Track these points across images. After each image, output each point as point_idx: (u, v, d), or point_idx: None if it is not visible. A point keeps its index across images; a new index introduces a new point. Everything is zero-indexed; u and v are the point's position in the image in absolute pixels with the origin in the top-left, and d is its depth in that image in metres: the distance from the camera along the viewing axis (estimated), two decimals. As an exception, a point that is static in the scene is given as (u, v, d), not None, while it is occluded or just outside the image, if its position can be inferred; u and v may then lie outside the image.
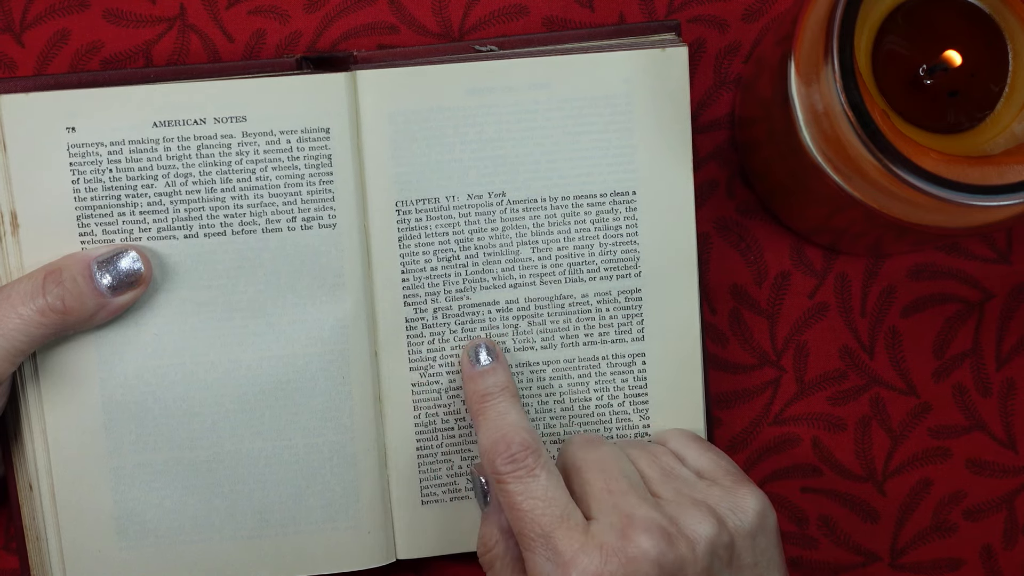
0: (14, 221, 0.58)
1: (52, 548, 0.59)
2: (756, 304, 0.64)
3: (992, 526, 0.65)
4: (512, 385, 0.58)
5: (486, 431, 0.55)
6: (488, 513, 0.57)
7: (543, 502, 0.53)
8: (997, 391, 0.65)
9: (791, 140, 0.55)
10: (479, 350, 0.59)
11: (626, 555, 0.51)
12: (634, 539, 0.51)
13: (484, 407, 0.57)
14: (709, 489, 0.55)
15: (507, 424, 0.55)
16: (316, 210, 0.59)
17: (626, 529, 0.52)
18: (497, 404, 0.57)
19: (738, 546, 0.53)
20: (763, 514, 0.54)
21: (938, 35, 0.55)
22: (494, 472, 0.54)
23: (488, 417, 0.56)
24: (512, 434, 0.54)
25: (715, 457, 0.57)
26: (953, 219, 0.54)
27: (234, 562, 0.60)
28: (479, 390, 0.57)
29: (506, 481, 0.54)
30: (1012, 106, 0.55)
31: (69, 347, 0.58)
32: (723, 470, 0.57)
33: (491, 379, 0.57)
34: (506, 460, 0.54)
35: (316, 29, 0.63)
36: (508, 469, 0.54)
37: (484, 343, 0.59)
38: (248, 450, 0.59)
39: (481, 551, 0.57)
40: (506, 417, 0.56)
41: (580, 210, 0.60)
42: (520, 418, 0.56)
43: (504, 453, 0.54)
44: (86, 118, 0.57)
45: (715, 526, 0.53)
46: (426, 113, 0.59)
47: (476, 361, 0.58)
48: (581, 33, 0.60)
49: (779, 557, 0.55)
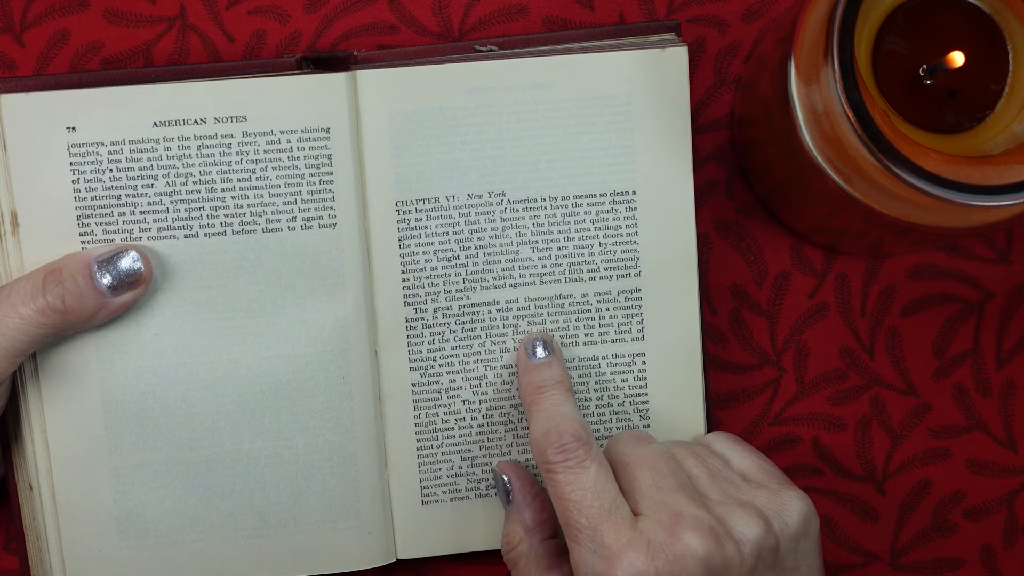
0: (14, 221, 0.58)
1: (52, 548, 0.59)
2: (756, 304, 0.64)
3: (992, 526, 0.65)
4: (567, 380, 0.58)
5: (538, 421, 0.56)
6: (511, 511, 0.57)
7: (592, 493, 0.53)
8: (997, 391, 0.65)
9: (791, 140, 0.55)
10: (536, 344, 0.59)
11: (673, 552, 0.51)
12: (682, 537, 0.51)
13: (538, 398, 0.57)
14: (756, 491, 0.55)
15: (560, 415, 0.55)
16: (316, 210, 0.59)
17: (674, 527, 0.51)
18: (551, 395, 0.57)
19: (782, 549, 0.53)
20: (808, 518, 0.54)
21: (938, 35, 0.55)
22: (544, 461, 0.54)
23: (542, 407, 0.56)
24: (565, 425, 0.54)
25: (759, 460, 0.57)
26: (953, 219, 0.54)
27: (234, 562, 0.60)
28: (534, 382, 0.57)
29: (556, 471, 0.53)
30: (1012, 106, 0.55)
31: (69, 347, 0.58)
32: (767, 473, 0.56)
33: (547, 372, 0.58)
34: (557, 450, 0.54)
35: (316, 29, 0.63)
36: (559, 459, 0.54)
37: (542, 337, 0.59)
38: (248, 450, 0.59)
39: (505, 549, 0.57)
40: (560, 408, 0.56)
41: (580, 210, 0.60)
42: (573, 411, 0.56)
43: (556, 443, 0.54)
44: (86, 118, 0.57)
45: (763, 528, 0.52)
46: (426, 113, 0.59)
47: (533, 354, 0.58)
48: (581, 33, 0.60)
49: (819, 561, 0.55)
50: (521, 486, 0.58)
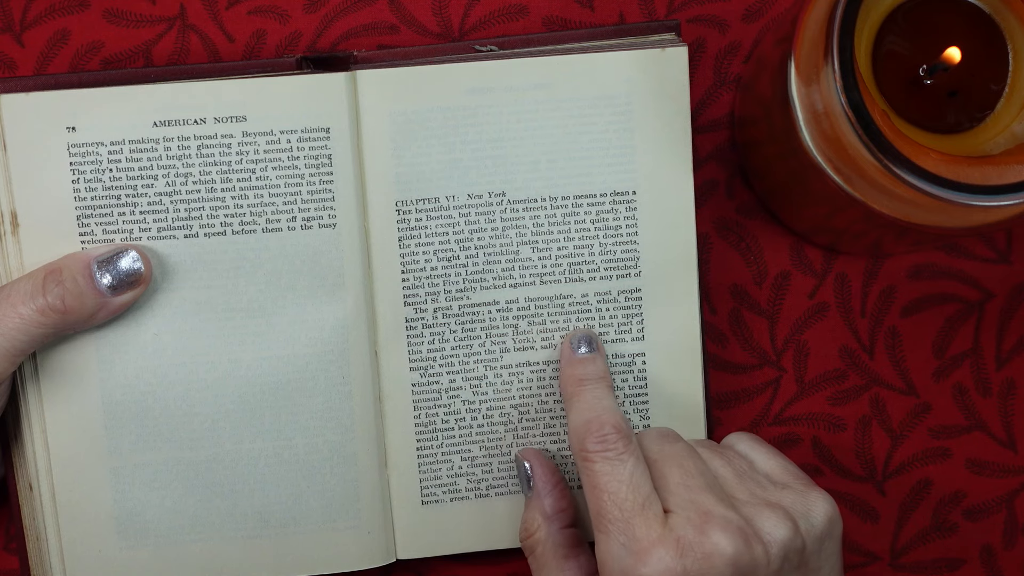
0: (14, 221, 0.58)
1: (52, 548, 0.59)
2: (756, 304, 0.64)
3: (992, 526, 0.65)
4: (610, 378, 0.58)
5: (579, 411, 0.56)
6: (531, 498, 0.57)
7: (627, 486, 0.52)
8: (997, 391, 0.65)
9: (791, 140, 0.55)
10: (582, 340, 0.59)
11: (703, 551, 0.51)
12: (711, 536, 0.51)
13: (580, 389, 0.57)
14: (782, 492, 0.54)
15: (602, 407, 0.55)
16: (316, 210, 0.59)
17: (703, 525, 0.51)
18: (594, 389, 0.57)
19: (808, 550, 0.53)
20: (832, 519, 0.54)
21: (938, 35, 0.55)
22: (582, 450, 0.54)
23: (583, 399, 0.56)
24: (606, 416, 0.54)
25: (782, 461, 0.57)
26: (953, 219, 0.54)
27: (234, 562, 0.60)
28: (577, 374, 0.57)
29: (593, 460, 0.53)
30: (1012, 106, 0.55)
31: (69, 347, 0.58)
32: (792, 474, 0.56)
33: (591, 367, 0.58)
34: (597, 439, 0.54)
35: (316, 29, 0.63)
36: (598, 448, 0.53)
37: (588, 335, 0.59)
38: (248, 450, 0.59)
39: (523, 536, 0.57)
40: (602, 401, 0.56)
41: (580, 210, 0.60)
42: (615, 406, 0.56)
43: (596, 432, 0.54)
44: (86, 118, 0.57)
45: (790, 529, 0.52)
46: (426, 113, 0.59)
47: (577, 349, 0.59)
48: (581, 33, 0.60)
49: (840, 563, 0.55)
50: (542, 473, 0.59)
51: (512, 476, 0.61)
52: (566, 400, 0.57)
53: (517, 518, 0.61)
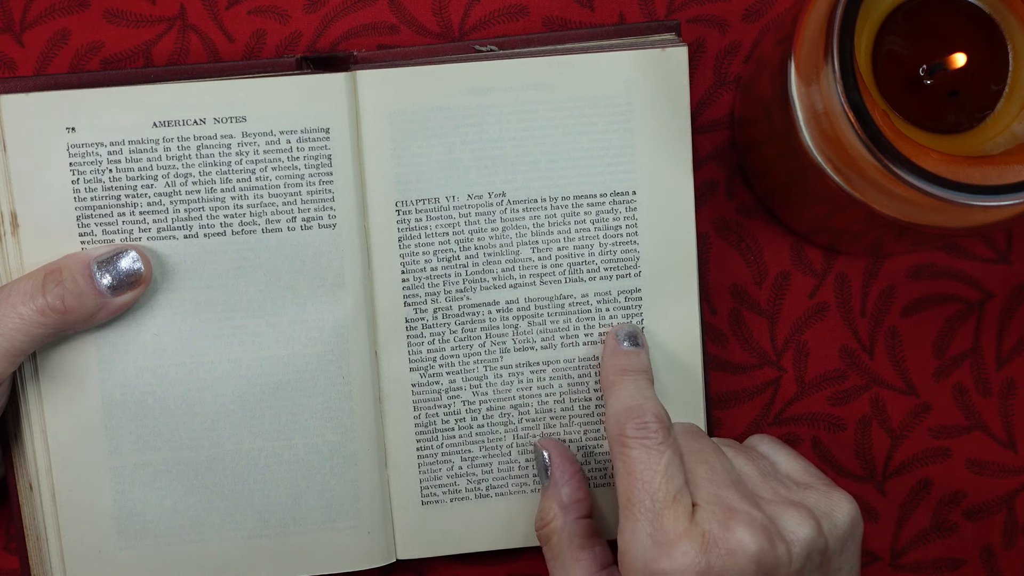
0: (14, 221, 0.58)
1: (52, 548, 0.59)
2: (756, 304, 0.64)
3: (992, 526, 0.65)
4: (651, 373, 0.58)
5: (620, 398, 0.55)
6: (548, 488, 0.57)
7: (662, 476, 0.52)
8: (997, 391, 0.65)
9: (791, 140, 0.55)
10: (628, 335, 0.59)
11: (727, 546, 0.51)
12: (735, 532, 0.51)
13: (622, 378, 0.57)
14: (805, 492, 0.54)
15: (644, 396, 0.55)
16: (316, 210, 0.59)
17: (728, 521, 0.51)
18: (638, 379, 0.57)
19: (831, 550, 0.53)
20: (855, 521, 0.54)
21: (938, 35, 0.55)
22: (621, 435, 0.54)
23: (625, 386, 0.56)
24: (648, 405, 0.54)
25: (803, 463, 0.57)
26: (953, 219, 0.54)
27: (234, 562, 0.60)
28: (621, 364, 0.57)
29: (632, 446, 0.53)
30: (1012, 106, 0.55)
31: (69, 347, 0.58)
32: (813, 475, 0.56)
33: (635, 359, 0.58)
34: (638, 425, 0.53)
35: (316, 29, 0.63)
36: (638, 434, 0.53)
37: (634, 330, 0.59)
38: (248, 450, 0.59)
39: (539, 524, 0.57)
40: (644, 391, 0.56)
41: (580, 210, 0.60)
42: (656, 397, 0.56)
43: (637, 419, 0.54)
44: (86, 118, 0.57)
45: (814, 529, 0.52)
46: (426, 113, 0.59)
47: (623, 342, 0.59)
48: (581, 33, 0.60)
49: (858, 565, 0.55)
50: (560, 463, 0.58)
51: (512, 476, 0.61)
52: (606, 388, 0.57)
53: (517, 518, 0.61)
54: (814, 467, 0.57)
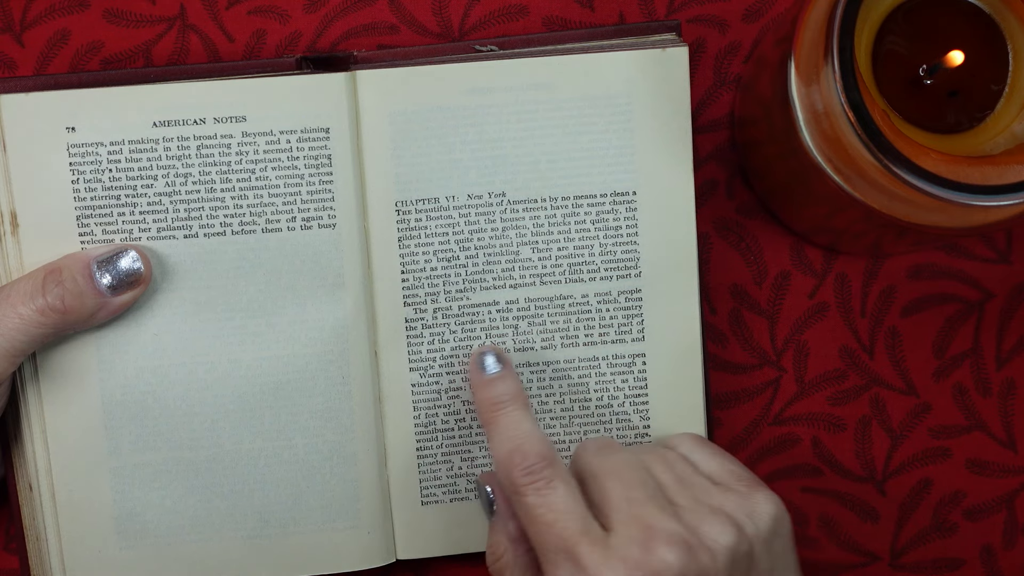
0: (14, 221, 0.58)
1: (52, 548, 0.59)
2: (756, 304, 0.64)
3: (992, 526, 0.65)
4: (523, 393, 0.57)
5: (499, 441, 0.55)
6: (495, 522, 0.56)
7: (564, 515, 0.52)
8: (997, 391, 0.65)
9: (791, 140, 0.55)
10: (486, 357, 0.58)
11: (650, 568, 0.50)
12: (656, 552, 0.51)
13: (496, 416, 0.56)
14: (725, 496, 0.54)
15: (522, 434, 0.54)
16: (316, 210, 0.59)
17: (648, 542, 0.51)
18: (510, 413, 0.56)
19: (756, 552, 0.53)
20: (779, 519, 0.54)
21: (938, 35, 0.55)
22: (511, 483, 0.53)
23: (501, 426, 0.55)
24: (527, 445, 0.54)
25: (724, 461, 0.57)
26: (953, 219, 0.54)
27: (234, 562, 0.60)
28: (490, 398, 0.56)
29: (525, 493, 0.53)
30: (1012, 106, 0.55)
31: (69, 347, 0.58)
32: (735, 475, 0.56)
33: (501, 387, 0.57)
34: (524, 472, 0.53)
35: (316, 29, 0.63)
36: (526, 481, 0.53)
37: (492, 350, 0.58)
38: (248, 450, 0.59)
39: (490, 560, 0.57)
40: (520, 426, 0.55)
41: (580, 210, 0.60)
42: (534, 427, 0.55)
43: (521, 465, 0.53)
44: (86, 118, 0.57)
45: (735, 535, 0.52)
46: (426, 113, 0.59)
47: (484, 369, 0.58)
48: (581, 33, 0.60)
49: (794, 560, 0.55)
50: (504, 497, 0.57)
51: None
52: (484, 427, 0.56)
53: (517, 518, 0.61)
54: (738, 465, 0.57)
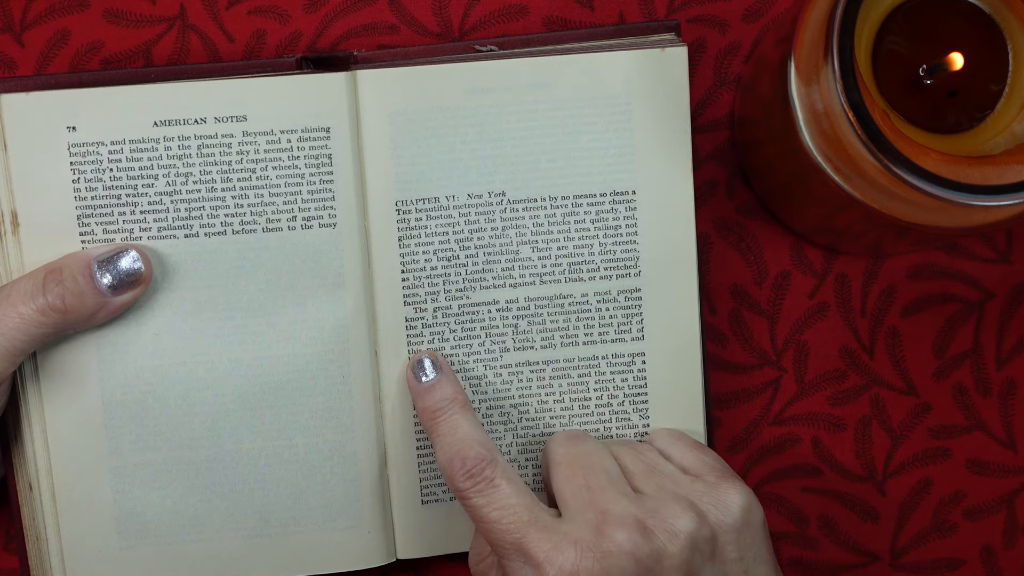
0: (14, 220, 0.58)
1: (52, 548, 0.59)
2: (756, 304, 0.64)
3: (992, 526, 0.65)
4: (461, 395, 0.57)
5: (441, 448, 0.56)
6: None
7: (507, 510, 0.53)
8: (997, 391, 0.65)
9: (791, 140, 0.55)
10: (423, 363, 0.58)
11: (600, 549, 0.51)
12: (608, 534, 0.51)
13: (435, 423, 0.57)
14: (692, 485, 0.55)
15: (460, 439, 0.55)
16: (316, 210, 0.59)
17: (601, 525, 0.52)
18: (448, 418, 0.56)
19: (721, 540, 0.53)
20: (748, 509, 0.54)
21: (938, 35, 0.55)
22: (456, 489, 0.54)
23: (440, 433, 0.56)
24: (465, 448, 0.54)
25: (700, 454, 0.58)
26: (953, 219, 0.54)
27: (234, 562, 0.60)
28: (428, 406, 0.57)
29: (468, 496, 0.54)
30: (1012, 106, 0.55)
31: (69, 347, 0.58)
32: (708, 467, 0.57)
33: (438, 393, 0.57)
34: (464, 476, 0.54)
35: (316, 29, 0.63)
36: (467, 484, 0.54)
37: (427, 356, 0.59)
38: (248, 449, 0.59)
39: (473, 561, 0.57)
40: (457, 432, 0.56)
41: (580, 210, 0.60)
42: (472, 429, 0.56)
43: (460, 469, 0.54)
44: (87, 117, 0.57)
45: (695, 520, 0.53)
46: (426, 113, 0.59)
47: (421, 375, 0.58)
48: (581, 33, 0.60)
49: (767, 552, 0.55)
50: None
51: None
52: (428, 436, 0.57)
53: (517, 518, 0.61)
54: (713, 457, 0.57)
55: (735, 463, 0.64)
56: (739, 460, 0.64)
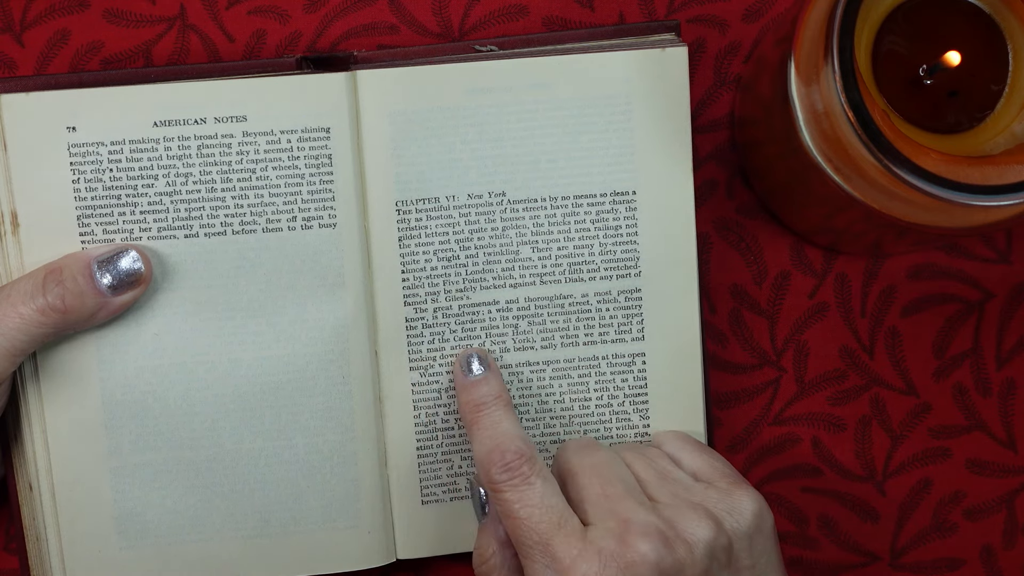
0: (14, 221, 0.58)
1: (52, 548, 0.59)
2: (756, 304, 0.64)
3: (992, 526, 0.65)
4: (505, 394, 0.57)
5: (480, 441, 0.55)
6: (485, 524, 0.57)
7: (539, 509, 0.53)
8: (997, 391, 0.65)
9: (791, 140, 0.55)
10: (471, 360, 0.58)
11: (624, 560, 0.51)
12: (632, 544, 0.51)
13: (478, 416, 0.56)
14: (706, 492, 0.55)
15: (501, 433, 0.55)
16: (316, 210, 0.59)
17: (624, 534, 0.52)
18: (491, 413, 0.56)
19: (736, 548, 0.53)
20: (760, 515, 0.55)
21: (938, 35, 0.55)
22: (490, 481, 0.54)
23: (482, 426, 0.56)
24: (507, 442, 0.54)
25: (710, 459, 0.57)
26: (953, 219, 0.54)
27: (234, 562, 0.60)
28: (472, 400, 0.57)
29: (502, 490, 0.53)
30: (1012, 106, 0.55)
31: (69, 347, 0.58)
32: (719, 472, 0.57)
33: (484, 388, 0.57)
34: (501, 469, 0.54)
35: (316, 29, 0.63)
36: (504, 478, 0.54)
37: (476, 353, 0.59)
38: (248, 449, 0.59)
39: (477, 562, 0.57)
40: (500, 426, 0.56)
41: (580, 210, 0.60)
42: (514, 426, 0.56)
43: (499, 462, 0.54)
44: (87, 118, 0.57)
45: (712, 529, 0.53)
46: (426, 113, 0.59)
47: (468, 371, 0.58)
48: (581, 33, 0.60)
49: (777, 557, 0.55)
50: None
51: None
52: (467, 428, 0.57)
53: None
54: (722, 462, 0.57)
55: (735, 463, 0.64)
56: (739, 460, 0.64)
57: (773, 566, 0.55)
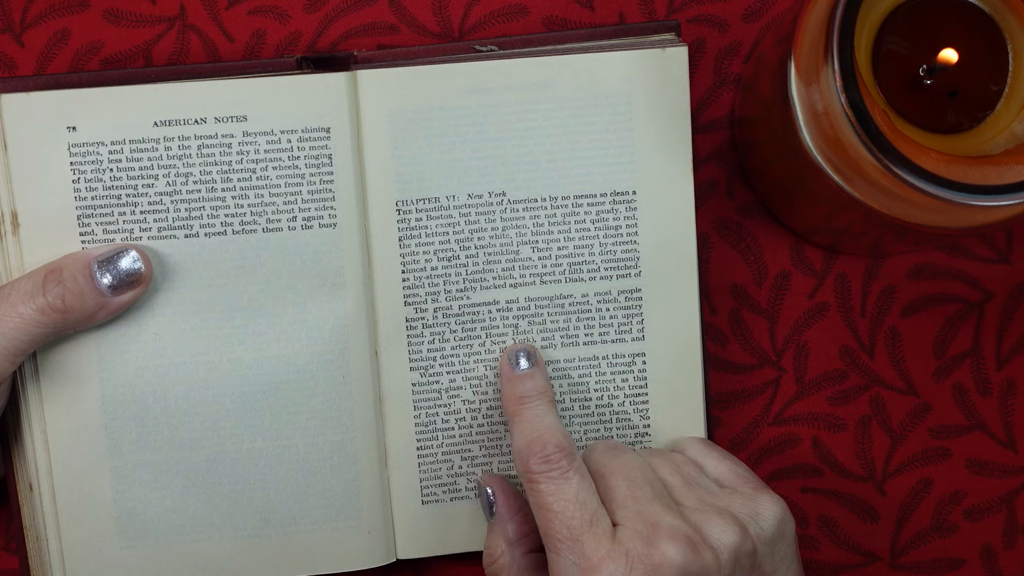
0: (14, 220, 0.58)
1: (52, 548, 0.59)
2: (756, 304, 0.64)
3: (992, 526, 0.65)
4: (550, 391, 0.58)
5: (521, 432, 0.56)
6: (494, 524, 0.57)
7: (574, 504, 0.53)
8: (997, 391, 0.65)
9: (791, 140, 0.55)
10: (520, 355, 0.59)
11: (651, 562, 0.51)
12: (659, 547, 0.51)
13: (521, 408, 0.57)
14: (731, 497, 0.55)
15: (543, 426, 0.55)
16: (316, 210, 0.59)
17: (651, 537, 0.51)
18: (535, 407, 0.57)
19: (760, 553, 0.53)
20: (783, 521, 0.55)
21: (938, 35, 0.55)
22: (527, 471, 0.54)
23: (524, 418, 0.56)
24: (548, 435, 0.55)
25: (733, 465, 0.58)
26: (953, 219, 0.54)
27: (234, 562, 0.60)
28: (517, 392, 0.57)
29: (538, 481, 0.54)
30: (1012, 106, 0.55)
31: (69, 347, 0.58)
32: (742, 478, 0.57)
33: (530, 383, 0.58)
34: (540, 460, 0.54)
35: (316, 29, 0.63)
36: (542, 469, 0.54)
37: (525, 348, 0.59)
38: (248, 449, 0.59)
39: (487, 562, 0.57)
40: (543, 420, 0.56)
41: (580, 210, 0.60)
42: (556, 422, 0.56)
43: (539, 453, 0.54)
44: (87, 118, 0.57)
45: (739, 534, 0.53)
46: (426, 113, 0.59)
47: (516, 365, 0.59)
48: (581, 33, 0.60)
49: (797, 563, 0.55)
50: (505, 499, 0.58)
51: (513, 475, 0.61)
52: (509, 420, 0.57)
53: (517, 518, 0.61)
54: (744, 468, 0.57)
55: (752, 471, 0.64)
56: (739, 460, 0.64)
57: (793, 572, 0.55)
